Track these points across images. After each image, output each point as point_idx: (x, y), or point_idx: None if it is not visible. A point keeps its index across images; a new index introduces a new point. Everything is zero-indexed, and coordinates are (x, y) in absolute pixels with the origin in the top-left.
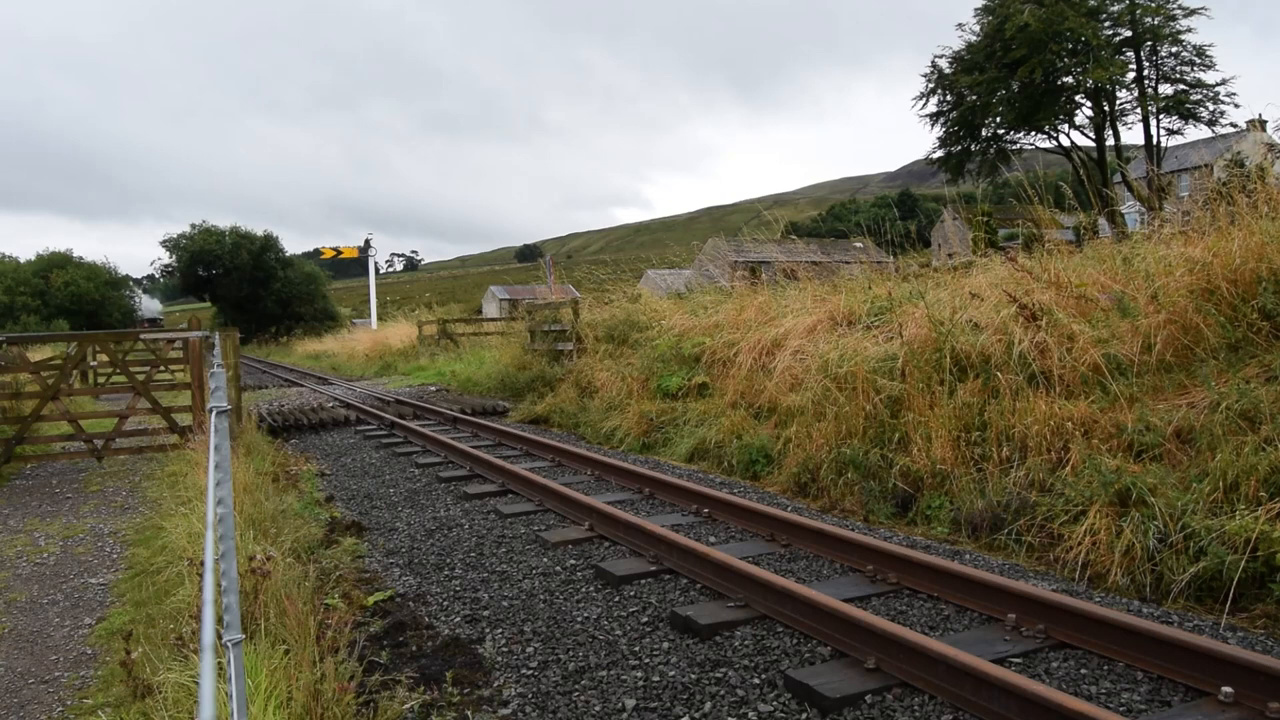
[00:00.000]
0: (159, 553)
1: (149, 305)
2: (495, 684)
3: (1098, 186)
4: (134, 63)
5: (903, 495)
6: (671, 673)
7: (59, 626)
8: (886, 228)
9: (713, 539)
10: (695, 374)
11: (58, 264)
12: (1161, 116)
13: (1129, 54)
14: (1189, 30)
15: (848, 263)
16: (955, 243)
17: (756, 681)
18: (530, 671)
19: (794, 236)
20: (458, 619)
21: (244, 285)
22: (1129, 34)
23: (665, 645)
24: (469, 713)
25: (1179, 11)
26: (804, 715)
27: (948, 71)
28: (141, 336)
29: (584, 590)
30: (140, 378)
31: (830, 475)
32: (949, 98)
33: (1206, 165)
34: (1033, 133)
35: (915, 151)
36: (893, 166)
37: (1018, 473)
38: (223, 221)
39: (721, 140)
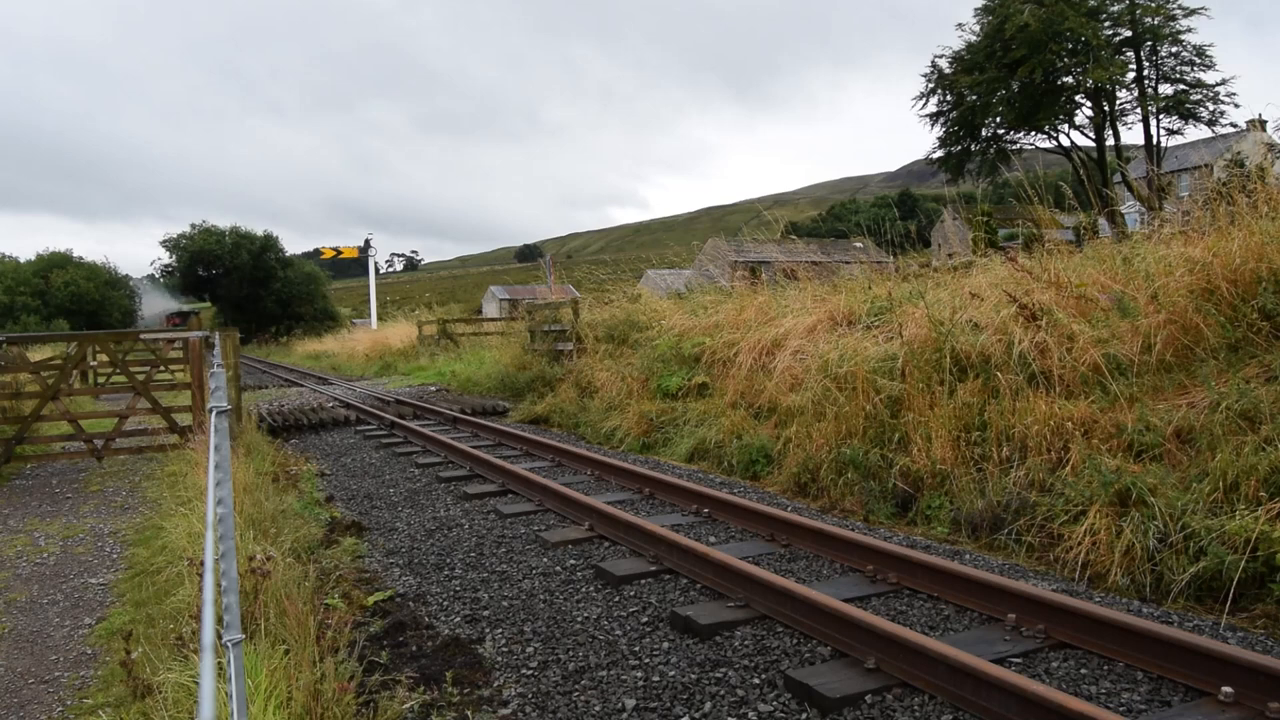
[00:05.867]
0: (159, 553)
1: (151, 302)
2: (495, 684)
3: (1098, 186)
4: (132, 63)
5: (903, 495)
6: (671, 673)
7: (59, 626)
8: (886, 228)
9: (713, 539)
10: (695, 374)
11: (58, 264)
12: (1161, 116)
13: (1129, 54)
14: (1189, 30)
15: (848, 263)
16: (955, 243)
17: (756, 681)
18: (530, 671)
19: (794, 236)
20: (458, 619)
21: (244, 285)
22: (1129, 34)
23: (665, 645)
24: (469, 713)
25: (1179, 11)
26: (804, 715)
27: (948, 71)
28: (141, 336)
29: (584, 590)
30: (140, 378)
31: (830, 475)
32: (949, 98)
33: (1206, 165)
34: (1033, 133)
35: (915, 151)
36: (893, 166)
37: (1018, 473)
38: (222, 221)
39: (719, 140)
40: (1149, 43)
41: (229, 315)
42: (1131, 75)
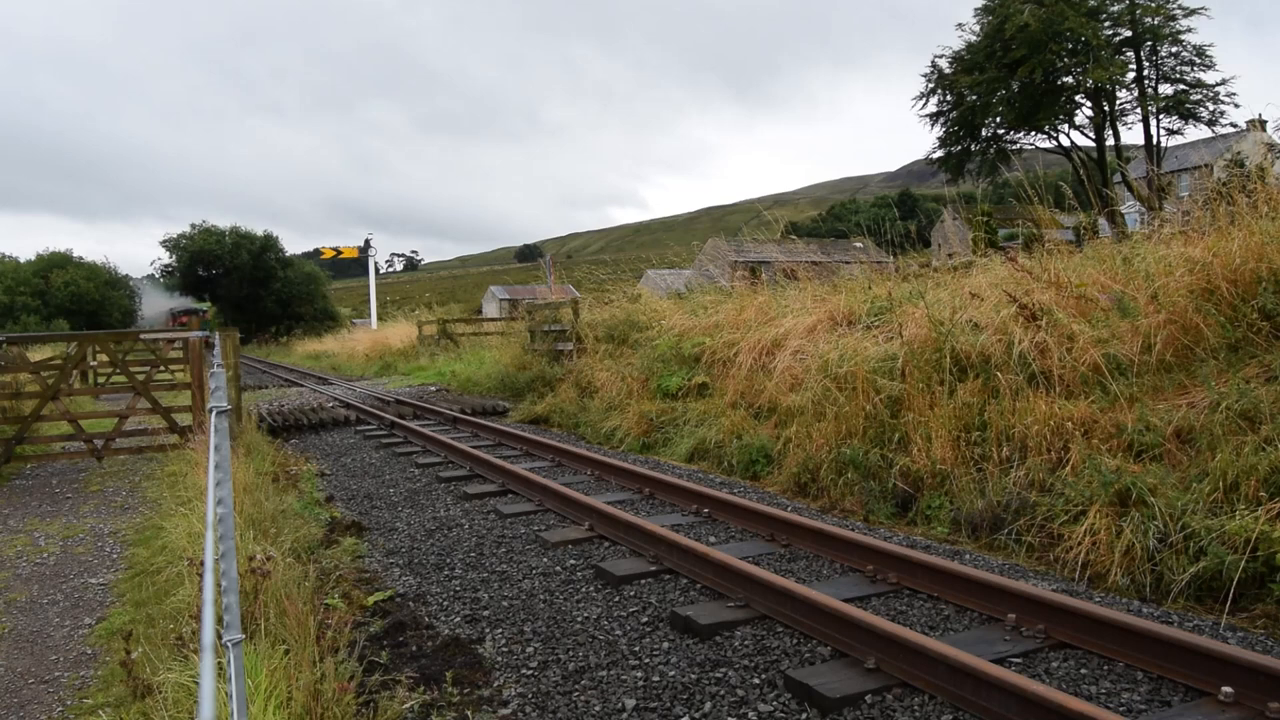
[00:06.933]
0: (159, 553)
1: (151, 302)
2: (495, 684)
3: (1098, 186)
4: (132, 63)
5: (903, 495)
6: (671, 673)
7: (59, 626)
8: (886, 228)
9: (713, 539)
10: (695, 374)
11: (58, 264)
12: (1161, 116)
13: (1129, 54)
14: (1189, 30)
15: (848, 263)
16: (955, 243)
17: (756, 681)
18: (530, 671)
19: (794, 236)
20: (458, 619)
21: (244, 285)
22: (1129, 34)
23: (665, 645)
24: (469, 713)
25: (1179, 11)
26: (804, 715)
27: (948, 71)
28: (141, 336)
29: (584, 590)
30: (140, 378)
31: (830, 475)
32: (949, 98)
33: (1206, 165)
34: (1033, 133)
35: (915, 151)
36: (893, 166)
37: (1018, 473)
38: (222, 221)
39: (719, 140)
40: (1149, 43)
41: (229, 315)
42: (1131, 75)
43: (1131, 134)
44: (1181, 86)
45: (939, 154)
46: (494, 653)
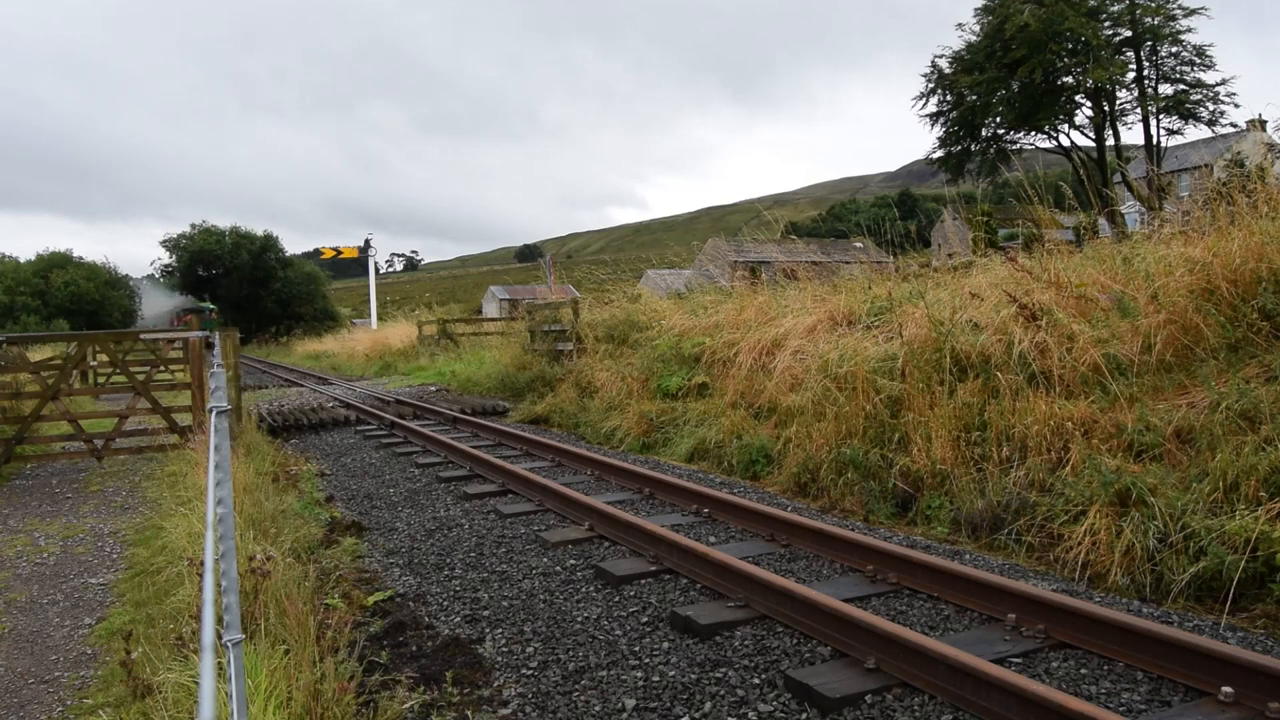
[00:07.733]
0: (159, 553)
1: (151, 302)
2: (495, 684)
3: (1098, 186)
4: (132, 63)
5: (903, 495)
6: (671, 673)
7: (59, 626)
8: (886, 228)
9: (713, 539)
10: (695, 374)
11: (58, 264)
12: (1161, 116)
13: (1129, 54)
14: (1189, 30)
15: (848, 263)
16: (955, 243)
17: (756, 681)
18: (530, 671)
19: (794, 236)
20: (458, 619)
21: (244, 285)
22: (1129, 34)
23: (665, 645)
24: (469, 713)
25: (1179, 11)
26: (804, 715)
27: (948, 71)
28: (141, 336)
29: (584, 590)
30: (140, 378)
31: (830, 475)
32: (949, 98)
33: (1206, 165)
34: (1033, 133)
35: (915, 151)
36: (893, 166)
37: (1018, 473)
38: (222, 221)
39: (718, 140)
40: (1149, 43)
41: (229, 315)
42: (1131, 75)
43: (1131, 134)
44: (1181, 86)
45: (939, 154)
46: (494, 653)
